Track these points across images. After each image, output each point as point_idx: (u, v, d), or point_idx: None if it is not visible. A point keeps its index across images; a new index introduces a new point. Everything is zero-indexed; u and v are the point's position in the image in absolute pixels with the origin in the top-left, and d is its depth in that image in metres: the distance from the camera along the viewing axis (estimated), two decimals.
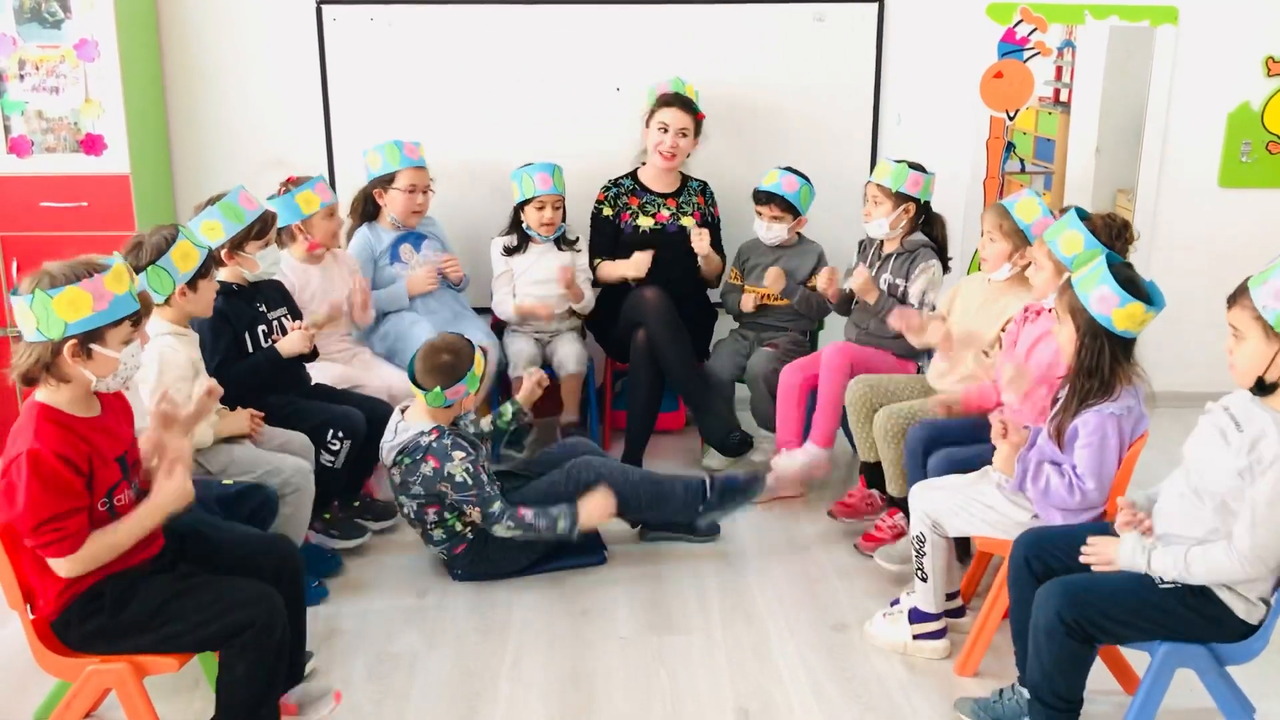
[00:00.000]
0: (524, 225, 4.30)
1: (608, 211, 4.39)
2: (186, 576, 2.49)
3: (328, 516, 3.65)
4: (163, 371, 3.02)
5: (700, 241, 4.28)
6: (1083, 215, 3.02)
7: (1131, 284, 2.63)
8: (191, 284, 3.04)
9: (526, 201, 4.25)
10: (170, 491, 2.41)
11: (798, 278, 4.28)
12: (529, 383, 3.68)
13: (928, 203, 3.99)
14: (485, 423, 3.60)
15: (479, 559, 3.44)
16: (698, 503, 3.57)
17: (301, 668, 2.83)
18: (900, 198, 3.91)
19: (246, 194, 3.44)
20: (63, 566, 2.31)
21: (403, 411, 3.41)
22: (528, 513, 3.30)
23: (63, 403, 2.33)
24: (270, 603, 2.43)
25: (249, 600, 2.42)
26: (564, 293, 4.33)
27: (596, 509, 3.37)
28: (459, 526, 3.40)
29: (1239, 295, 2.35)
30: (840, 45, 4.63)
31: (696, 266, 4.38)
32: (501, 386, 4.32)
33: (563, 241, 4.36)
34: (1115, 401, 2.69)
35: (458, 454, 3.27)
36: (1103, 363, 2.67)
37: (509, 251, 4.33)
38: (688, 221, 4.36)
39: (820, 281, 4.11)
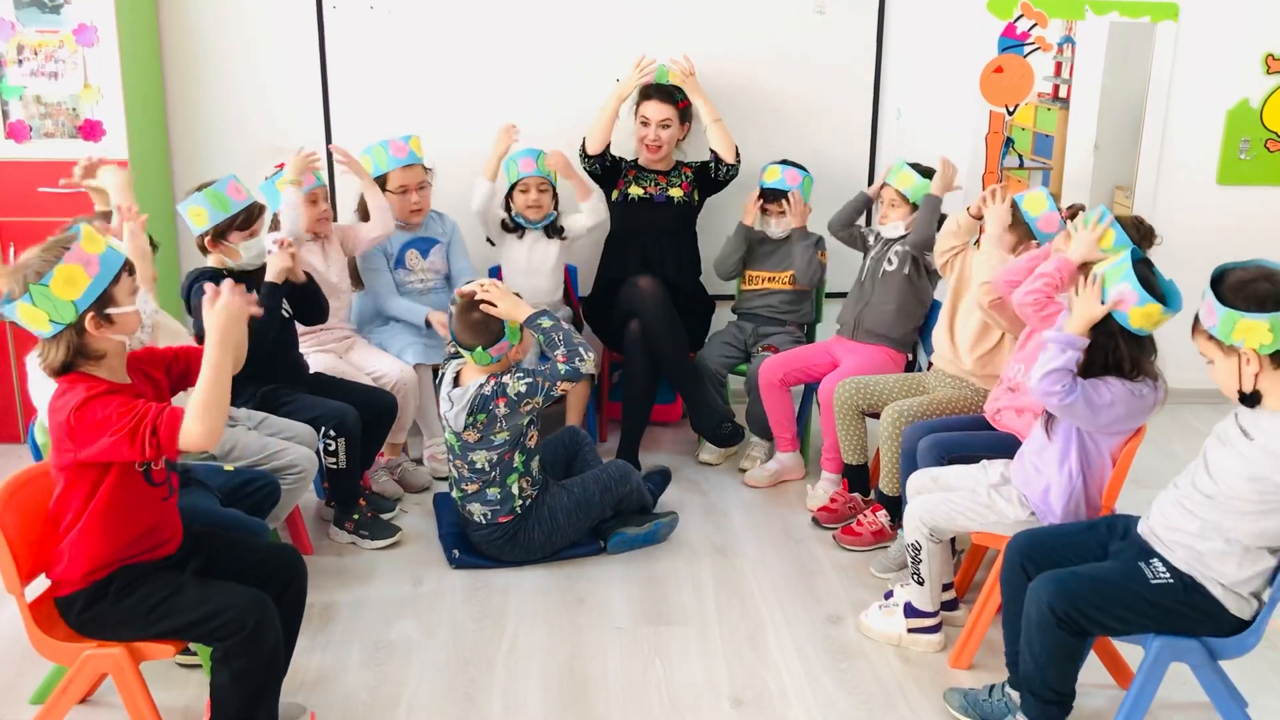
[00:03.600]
0: (513, 212, 4.33)
1: (615, 154, 4.45)
2: (188, 575, 2.48)
3: (356, 517, 3.66)
4: None
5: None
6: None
7: (1149, 283, 2.63)
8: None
9: (514, 189, 4.30)
10: (227, 317, 2.33)
11: (802, 265, 4.28)
12: None
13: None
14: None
15: (509, 539, 3.45)
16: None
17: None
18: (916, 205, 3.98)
19: (236, 184, 3.42)
20: (193, 439, 2.24)
21: (455, 378, 3.40)
22: (559, 352, 3.31)
23: (98, 375, 2.33)
24: (262, 611, 2.41)
25: (242, 606, 2.40)
26: (551, 284, 4.39)
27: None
28: (517, 491, 3.41)
29: (1194, 325, 2.40)
30: (841, 38, 4.63)
31: (684, 240, 4.45)
32: None
33: (552, 230, 4.37)
34: (1135, 382, 2.69)
35: (507, 377, 3.30)
36: (1118, 359, 2.68)
37: (505, 228, 4.37)
38: (675, 192, 4.40)
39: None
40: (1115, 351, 2.68)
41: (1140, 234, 3.04)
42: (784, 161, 4.31)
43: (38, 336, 2.30)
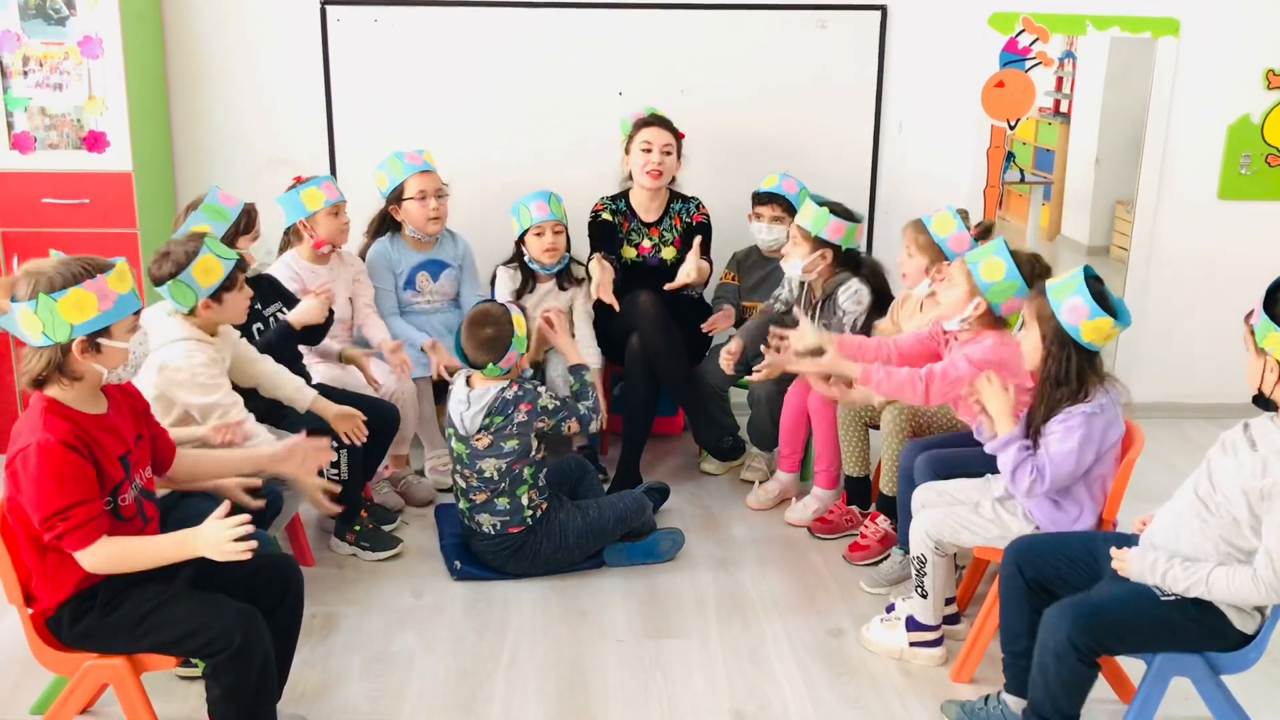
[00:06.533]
0: (526, 258, 4.23)
1: (607, 216, 4.35)
2: (176, 587, 2.46)
3: (357, 529, 3.66)
4: (168, 379, 3.00)
5: (686, 275, 4.16)
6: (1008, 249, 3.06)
7: (1101, 298, 2.66)
8: (215, 297, 3.02)
9: (526, 233, 4.18)
10: (211, 538, 2.35)
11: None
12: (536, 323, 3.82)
13: (852, 250, 3.91)
14: None
15: (515, 550, 3.45)
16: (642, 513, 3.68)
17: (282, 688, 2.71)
18: (819, 242, 3.84)
19: (224, 191, 3.44)
20: (85, 560, 2.30)
21: (467, 381, 3.41)
22: (586, 403, 3.54)
23: (70, 399, 2.33)
24: (249, 627, 2.39)
25: (228, 622, 2.38)
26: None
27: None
28: (526, 502, 3.42)
29: (1249, 315, 2.40)
30: (843, 52, 4.65)
31: (683, 296, 4.35)
32: None
33: (566, 279, 4.29)
34: (1088, 402, 2.71)
35: (541, 389, 3.37)
36: (1070, 371, 2.70)
37: (517, 295, 4.25)
38: (668, 253, 4.33)
39: (706, 325, 4.19)
40: (1068, 362, 2.69)
41: (1035, 271, 3.03)
42: (784, 175, 4.31)
43: (24, 342, 2.30)
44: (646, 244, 4.33)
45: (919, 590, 3.04)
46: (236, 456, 2.79)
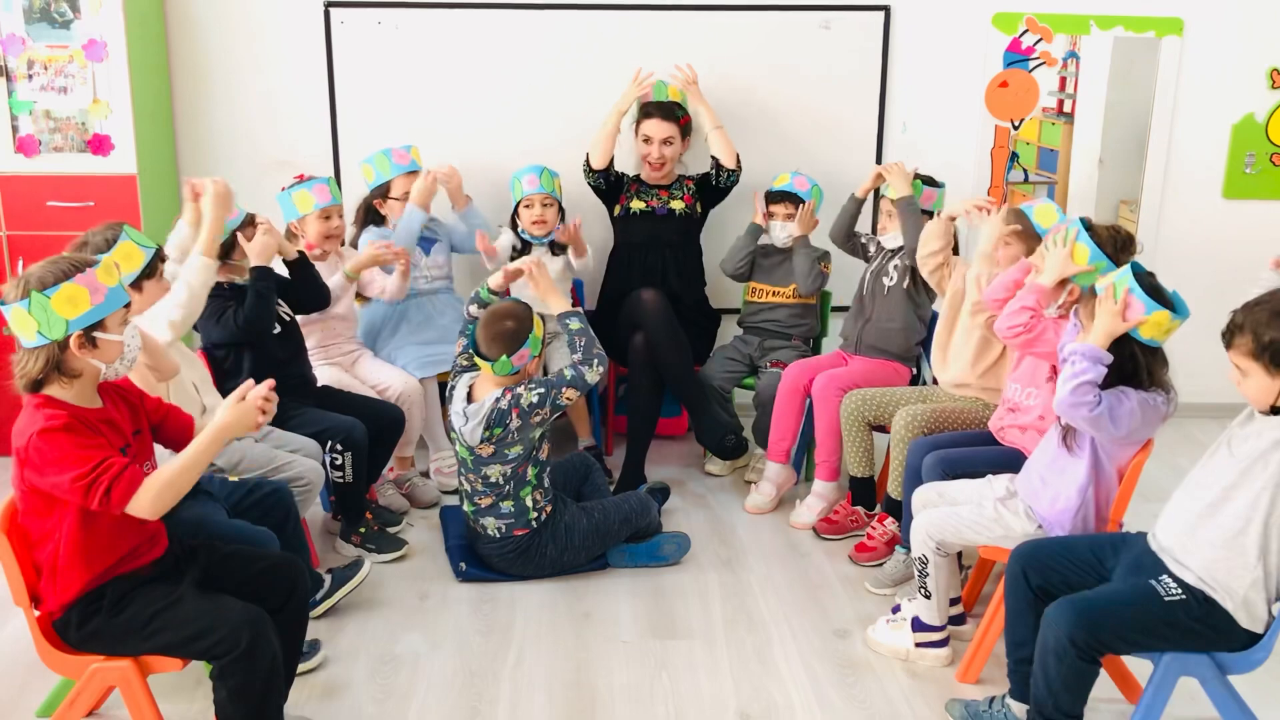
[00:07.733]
0: (519, 229, 4.32)
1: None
2: (184, 588, 2.46)
3: (362, 530, 3.66)
4: None
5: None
6: (1087, 226, 3.03)
7: (1157, 293, 2.64)
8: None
9: (519, 205, 4.28)
10: (236, 415, 2.39)
11: (804, 272, 4.28)
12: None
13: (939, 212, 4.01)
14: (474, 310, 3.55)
15: (520, 553, 3.45)
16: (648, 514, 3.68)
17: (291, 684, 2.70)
18: None
19: None
20: (140, 507, 2.27)
21: (468, 393, 3.40)
22: (576, 355, 3.42)
23: (68, 398, 2.33)
24: (256, 628, 2.39)
25: (235, 623, 2.38)
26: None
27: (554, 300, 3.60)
28: (531, 504, 3.41)
29: (1232, 335, 2.38)
30: (846, 53, 4.65)
31: (688, 253, 4.43)
32: None
33: (557, 246, 4.36)
34: (1145, 391, 2.69)
35: (520, 389, 3.31)
36: (1137, 369, 2.67)
37: (515, 256, 4.33)
38: (678, 205, 4.39)
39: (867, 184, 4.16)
40: (1132, 361, 2.67)
41: (1117, 245, 3.02)
42: (794, 172, 4.32)
43: (20, 344, 2.30)
44: (655, 200, 4.39)
45: (922, 591, 3.04)
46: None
